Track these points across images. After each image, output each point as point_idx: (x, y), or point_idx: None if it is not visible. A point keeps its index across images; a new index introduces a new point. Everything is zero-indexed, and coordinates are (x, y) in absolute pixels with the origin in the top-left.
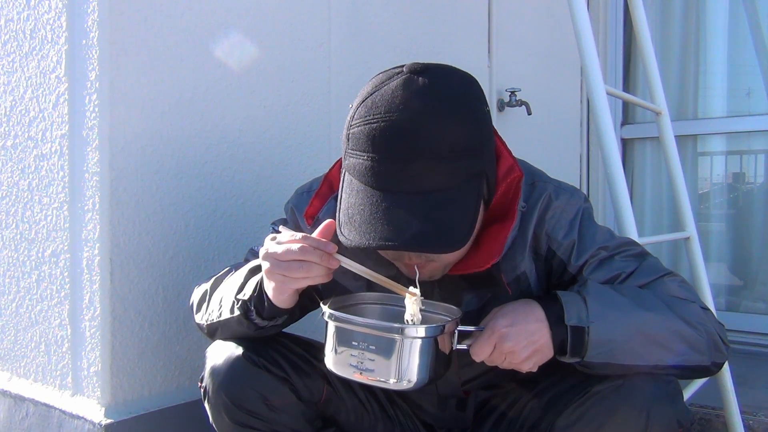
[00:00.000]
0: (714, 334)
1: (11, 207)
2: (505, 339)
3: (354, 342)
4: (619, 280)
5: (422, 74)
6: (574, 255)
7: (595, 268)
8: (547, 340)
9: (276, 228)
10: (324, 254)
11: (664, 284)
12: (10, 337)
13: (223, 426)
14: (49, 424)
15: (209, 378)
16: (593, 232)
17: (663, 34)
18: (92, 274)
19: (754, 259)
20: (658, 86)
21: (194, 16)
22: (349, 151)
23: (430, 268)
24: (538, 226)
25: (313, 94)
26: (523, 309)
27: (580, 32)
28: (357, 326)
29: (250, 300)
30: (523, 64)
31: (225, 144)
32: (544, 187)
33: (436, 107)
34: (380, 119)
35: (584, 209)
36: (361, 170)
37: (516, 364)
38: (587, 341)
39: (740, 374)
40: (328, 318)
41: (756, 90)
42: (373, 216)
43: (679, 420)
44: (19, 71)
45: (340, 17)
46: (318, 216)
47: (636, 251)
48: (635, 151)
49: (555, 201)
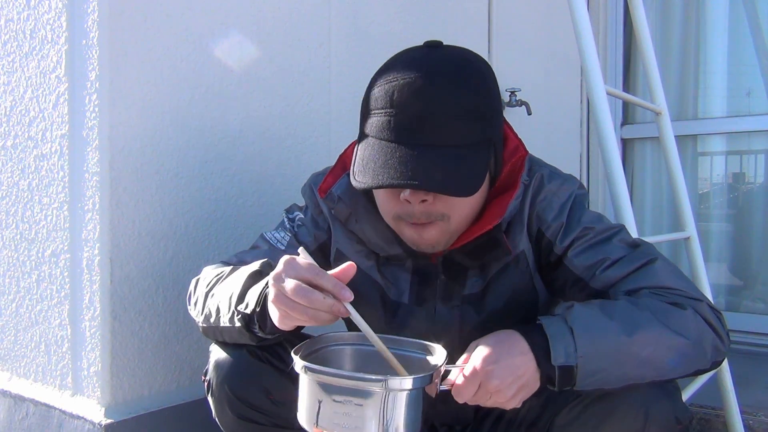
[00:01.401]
0: (710, 338)
1: (11, 207)
2: (490, 377)
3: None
4: (604, 265)
5: (440, 47)
6: (560, 236)
7: (581, 251)
8: (533, 373)
9: (290, 216)
10: (335, 304)
11: (654, 271)
12: (10, 337)
13: (226, 419)
14: (49, 424)
15: (213, 371)
16: (581, 215)
17: (663, 34)
18: (92, 274)
19: (754, 259)
20: (658, 86)
21: (194, 16)
22: (366, 113)
23: (434, 232)
24: (530, 208)
25: (313, 94)
26: (506, 341)
27: (580, 32)
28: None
29: (253, 314)
30: (523, 64)
31: (225, 144)
32: (538, 170)
33: (452, 72)
34: (399, 78)
35: (577, 195)
36: (378, 126)
37: (502, 402)
38: (576, 374)
39: (740, 374)
40: (301, 370)
41: (756, 90)
42: (386, 163)
43: (677, 417)
44: (19, 71)
45: (340, 17)
46: (331, 190)
47: (626, 238)
48: (635, 151)
49: (547, 184)
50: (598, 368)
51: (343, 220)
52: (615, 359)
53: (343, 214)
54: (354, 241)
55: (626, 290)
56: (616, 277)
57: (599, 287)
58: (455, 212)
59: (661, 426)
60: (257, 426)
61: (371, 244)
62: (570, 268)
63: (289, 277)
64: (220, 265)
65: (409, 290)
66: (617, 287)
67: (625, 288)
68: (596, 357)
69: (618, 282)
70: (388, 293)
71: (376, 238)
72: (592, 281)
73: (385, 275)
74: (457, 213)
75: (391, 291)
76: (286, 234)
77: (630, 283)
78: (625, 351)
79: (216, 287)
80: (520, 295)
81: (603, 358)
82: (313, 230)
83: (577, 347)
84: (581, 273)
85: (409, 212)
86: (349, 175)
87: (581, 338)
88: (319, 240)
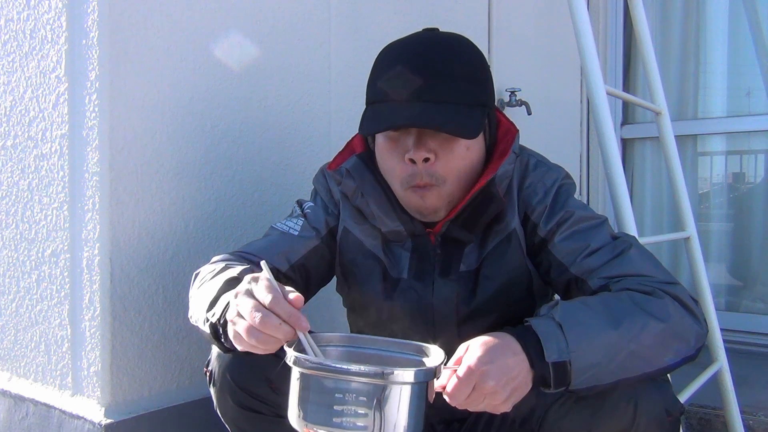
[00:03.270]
0: (689, 322)
1: (11, 207)
2: (486, 378)
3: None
4: (585, 252)
5: (438, 30)
6: (544, 218)
7: (564, 237)
8: (526, 374)
9: (301, 206)
10: (288, 332)
11: (630, 259)
12: (10, 337)
13: (228, 409)
14: (49, 424)
15: (215, 361)
16: (565, 200)
17: (663, 34)
18: (92, 274)
19: (754, 259)
20: (658, 86)
21: (194, 16)
22: (372, 82)
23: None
24: (518, 193)
25: (313, 94)
26: (498, 342)
27: (580, 32)
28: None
29: (219, 323)
30: (523, 64)
31: (225, 144)
32: (526, 157)
33: (451, 43)
34: (402, 48)
35: (562, 183)
36: (383, 89)
37: (495, 405)
38: (570, 371)
39: (740, 374)
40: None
41: (756, 90)
42: (391, 112)
43: (667, 409)
44: (19, 71)
45: (340, 17)
46: (340, 166)
47: (607, 229)
48: (635, 151)
49: (533, 171)
50: (590, 363)
51: (349, 195)
52: (606, 352)
53: (349, 188)
54: (359, 219)
55: (603, 276)
56: (595, 265)
57: (578, 274)
58: (452, 174)
59: (652, 418)
60: (259, 416)
61: (374, 219)
62: (553, 252)
63: (249, 298)
64: (224, 257)
65: (408, 267)
66: (595, 274)
67: (602, 275)
68: (588, 351)
69: (596, 269)
70: (390, 271)
71: (379, 213)
72: (572, 267)
73: (388, 254)
74: (454, 175)
75: (392, 269)
76: (299, 219)
77: (607, 271)
78: (614, 343)
79: (201, 287)
80: (515, 274)
81: (595, 353)
82: (324, 215)
83: (568, 342)
84: (563, 258)
85: (413, 173)
86: (357, 155)
87: (571, 333)
88: (330, 224)
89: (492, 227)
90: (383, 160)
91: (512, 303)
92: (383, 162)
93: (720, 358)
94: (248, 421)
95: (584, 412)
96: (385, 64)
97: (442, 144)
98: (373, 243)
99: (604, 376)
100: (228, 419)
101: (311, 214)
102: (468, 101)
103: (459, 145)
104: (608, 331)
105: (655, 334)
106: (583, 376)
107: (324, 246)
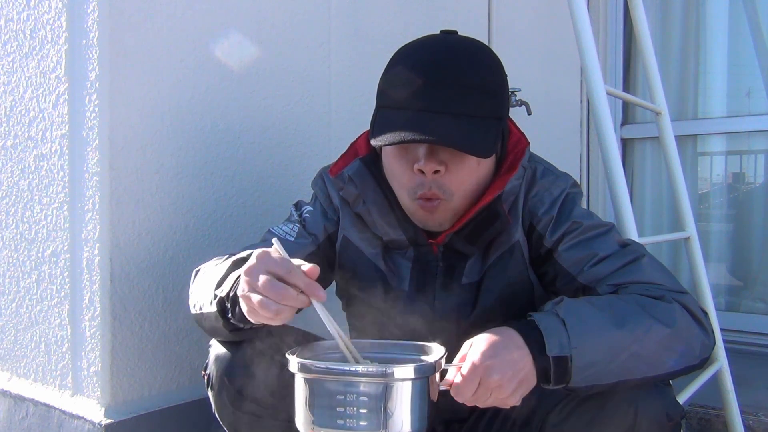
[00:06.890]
0: (696, 332)
1: (11, 207)
2: (490, 372)
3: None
4: (593, 261)
5: (457, 34)
6: (550, 229)
7: (570, 246)
8: (531, 368)
9: (298, 209)
10: (306, 301)
11: (641, 267)
12: (10, 337)
13: (226, 412)
14: (49, 424)
15: (213, 365)
16: (572, 210)
17: (663, 34)
18: (92, 274)
19: (754, 259)
20: (658, 86)
21: (194, 16)
22: (385, 87)
23: (440, 211)
24: (524, 203)
25: (313, 94)
26: (501, 337)
27: (580, 32)
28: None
29: (227, 298)
30: (523, 64)
31: (225, 144)
32: (533, 165)
33: (470, 50)
34: (419, 52)
35: (569, 192)
36: (397, 96)
37: (503, 399)
38: (571, 368)
39: (740, 374)
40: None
41: (756, 90)
42: (406, 122)
43: (668, 413)
44: (19, 71)
45: (340, 17)
46: (342, 171)
47: (615, 237)
48: (635, 151)
49: (540, 180)
50: (591, 361)
51: (350, 201)
52: (608, 352)
53: (351, 195)
54: (360, 227)
55: (612, 284)
56: (603, 273)
57: (586, 282)
58: (460, 189)
59: (652, 421)
60: (257, 419)
61: (376, 227)
62: (559, 262)
63: (261, 272)
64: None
65: (410, 277)
66: (604, 281)
67: (611, 282)
68: (590, 349)
69: (605, 278)
70: (390, 281)
71: (381, 221)
72: (579, 276)
73: (388, 263)
74: (462, 190)
75: (393, 279)
76: (295, 225)
77: (616, 278)
78: (616, 343)
79: (206, 274)
80: (517, 285)
81: (596, 351)
82: (323, 221)
83: (570, 338)
84: (569, 267)
85: (421, 183)
86: (360, 159)
87: (574, 330)
88: (328, 230)
89: (495, 239)
90: (391, 168)
91: (514, 314)
92: (390, 169)
93: (720, 358)
94: (246, 425)
95: (585, 415)
96: (401, 69)
97: (454, 157)
98: (373, 251)
99: (605, 376)
100: (226, 423)
101: (310, 219)
102: (485, 114)
103: (470, 160)
104: (612, 331)
105: (659, 337)
106: (584, 373)
107: (321, 252)
